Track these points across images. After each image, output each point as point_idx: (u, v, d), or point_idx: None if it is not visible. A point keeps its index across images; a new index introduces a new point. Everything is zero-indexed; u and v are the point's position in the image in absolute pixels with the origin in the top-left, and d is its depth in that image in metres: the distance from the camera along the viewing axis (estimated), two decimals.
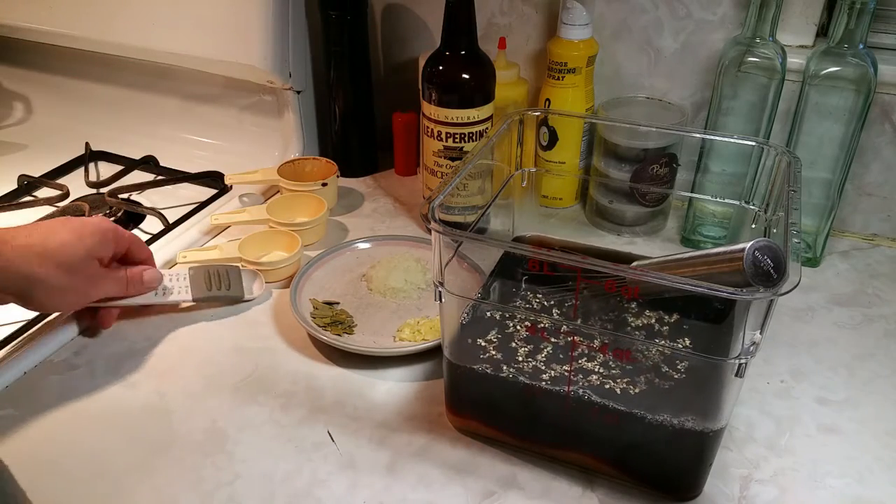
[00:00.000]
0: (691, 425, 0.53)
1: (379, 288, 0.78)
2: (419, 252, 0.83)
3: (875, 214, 0.90)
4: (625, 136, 0.84)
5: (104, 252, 0.67)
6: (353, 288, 0.79)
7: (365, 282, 0.80)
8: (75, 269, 0.64)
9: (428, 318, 0.74)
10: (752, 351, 0.48)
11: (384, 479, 0.59)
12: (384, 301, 0.77)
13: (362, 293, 0.79)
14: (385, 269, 0.79)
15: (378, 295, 0.78)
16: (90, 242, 0.65)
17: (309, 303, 0.76)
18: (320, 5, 0.96)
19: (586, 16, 0.86)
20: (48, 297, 0.64)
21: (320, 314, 0.74)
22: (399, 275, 0.79)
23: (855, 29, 0.73)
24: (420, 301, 0.77)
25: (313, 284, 0.79)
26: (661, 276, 0.49)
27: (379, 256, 0.83)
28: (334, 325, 0.73)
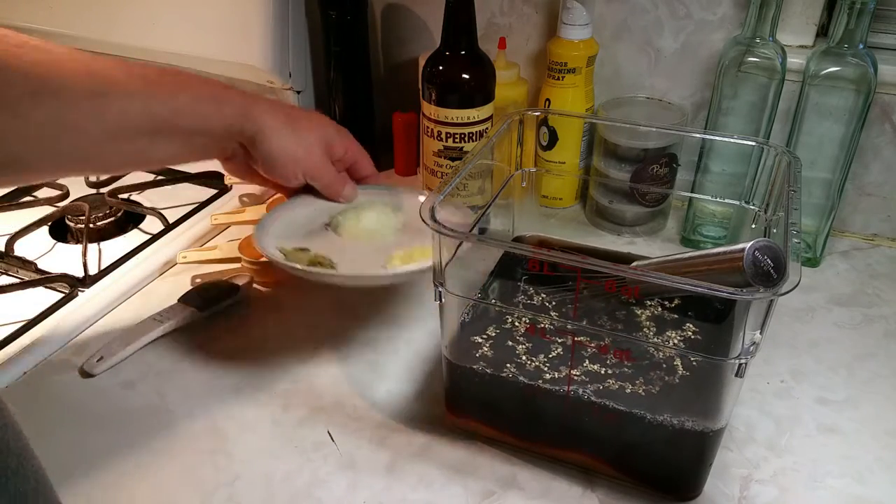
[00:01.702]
0: (691, 425, 0.53)
1: (351, 231, 0.73)
2: (384, 199, 0.77)
3: (875, 214, 0.90)
4: (625, 136, 0.84)
5: (335, 142, 0.71)
6: (320, 236, 0.73)
7: (331, 229, 0.74)
8: (306, 139, 0.68)
9: (412, 247, 0.69)
10: (753, 351, 0.48)
11: (384, 479, 0.59)
12: (358, 244, 0.72)
13: (331, 239, 0.72)
14: (354, 213, 0.74)
15: (350, 238, 0.72)
16: (328, 127, 0.71)
17: (278, 253, 0.69)
18: (320, 5, 0.96)
19: (586, 16, 0.86)
20: (272, 147, 0.66)
21: (294, 258, 0.68)
22: (371, 216, 0.74)
23: (855, 29, 0.73)
24: (398, 240, 0.72)
25: (274, 237, 0.71)
26: (661, 276, 0.49)
27: (340, 206, 0.76)
28: (316, 265, 0.67)
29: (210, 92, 0.63)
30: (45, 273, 0.80)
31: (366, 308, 0.78)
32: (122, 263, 0.82)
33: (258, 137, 0.65)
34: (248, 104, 0.65)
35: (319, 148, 0.70)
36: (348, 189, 0.75)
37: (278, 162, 0.68)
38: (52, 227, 0.91)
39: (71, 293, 0.77)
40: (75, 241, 0.89)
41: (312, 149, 0.69)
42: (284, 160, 0.68)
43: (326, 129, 0.71)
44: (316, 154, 0.70)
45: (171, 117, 0.60)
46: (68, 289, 0.77)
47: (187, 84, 0.62)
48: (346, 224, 0.73)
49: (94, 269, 0.81)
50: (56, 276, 0.78)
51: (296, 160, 0.68)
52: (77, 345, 0.72)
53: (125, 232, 0.91)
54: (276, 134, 0.66)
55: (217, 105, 0.63)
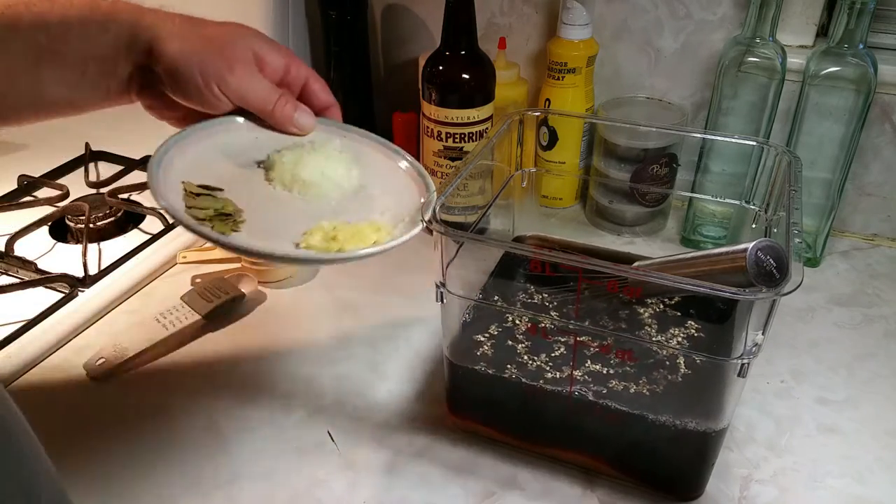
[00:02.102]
0: (693, 426, 0.53)
1: (282, 178, 0.55)
2: (345, 142, 0.60)
3: (875, 214, 0.90)
4: (625, 136, 0.84)
5: (267, 53, 0.56)
6: (246, 175, 0.56)
7: (263, 169, 0.57)
8: (217, 40, 0.54)
9: (349, 223, 0.52)
10: (755, 351, 0.48)
11: (384, 479, 0.58)
12: (288, 197, 0.55)
13: (257, 183, 0.56)
14: (293, 155, 0.57)
15: (280, 187, 0.55)
16: (254, 35, 0.56)
17: (180, 187, 0.52)
18: (320, 5, 0.96)
19: (586, 16, 0.86)
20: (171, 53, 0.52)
21: (197, 204, 0.51)
22: (314, 163, 0.56)
23: (855, 29, 0.73)
24: (339, 205, 0.55)
25: (187, 162, 0.55)
26: (663, 276, 0.49)
27: (288, 141, 0.59)
28: (219, 220, 0.51)
29: (98, 9, 0.53)
30: (45, 273, 0.80)
31: (366, 308, 0.78)
32: (122, 263, 0.82)
33: (154, 47, 0.52)
34: (139, 14, 0.53)
35: (243, 55, 0.54)
36: (302, 115, 0.58)
37: (184, 73, 0.53)
38: (52, 227, 0.91)
39: (71, 293, 0.77)
40: (75, 241, 0.89)
41: (230, 53, 0.54)
42: (191, 68, 0.53)
43: (250, 34, 0.56)
44: (239, 61, 0.54)
45: (52, 43, 0.51)
46: (68, 289, 0.77)
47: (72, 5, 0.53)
48: (279, 167, 0.56)
49: (94, 269, 0.80)
50: (56, 276, 0.78)
51: (206, 67, 0.53)
52: (77, 345, 0.72)
53: (125, 232, 0.91)
54: (175, 38, 0.52)
55: (103, 22, 0.53)
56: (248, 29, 0.56)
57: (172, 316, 0.73)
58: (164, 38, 0.52)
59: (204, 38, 0.53)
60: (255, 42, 0.55)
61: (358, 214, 0.53)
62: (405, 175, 0.59)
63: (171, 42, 0.52)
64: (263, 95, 0.56)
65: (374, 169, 0.59)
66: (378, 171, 0.59)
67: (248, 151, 0.57)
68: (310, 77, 0.59)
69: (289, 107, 0.57)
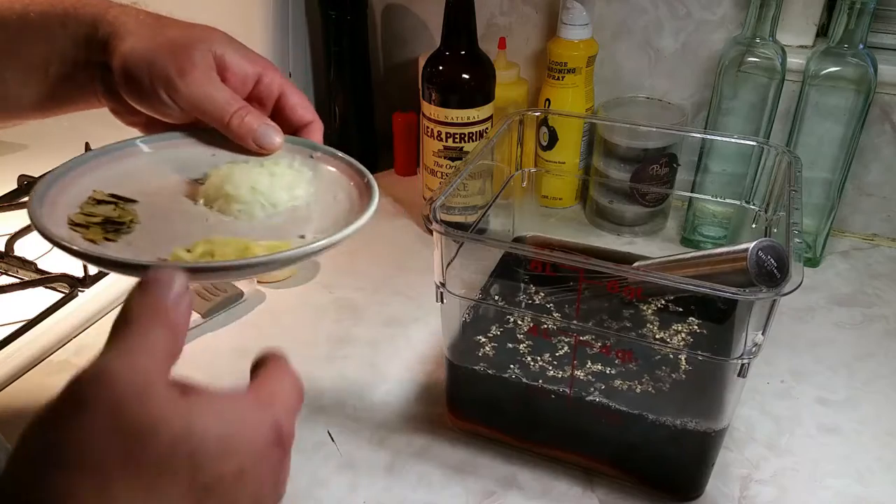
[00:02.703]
0: (693, 426, 0.53)
1: (207, 192, 0.48)
2: (308, 160, 0.52)
3: (875, 214, 0.90)
4: (625, 136, 0.84)
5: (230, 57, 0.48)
6: (175, 190, 0.48)
7: (199, 185, 0.49)
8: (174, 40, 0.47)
9: (255, 242, 0.43)
10: (755, 351, 0.48)
11: (384, 480, 0.58)
12: (204, 213, 0.47)
13: (179, 198, 0.48)
14: (230, 169, 0.49)
15: (202, 202, 0.47)
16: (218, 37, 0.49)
17: (87, 194, 0.46)
18: (320, 5, 0.96)
19: (586, 16, 0.86)
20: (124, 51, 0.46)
21: (91, 210, 0.45)
22: (247, 178, 0.48)
23: (855, 29, 0.73)
24: (258, 223, 0.46)
25: (113, 174, 0.48)
26: (663, 276, 0.49)
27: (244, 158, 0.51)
28: (102, 226, 0.44)
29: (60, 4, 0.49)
30: (45, 273, 0.80)
31: (366, 308, 0.78)
32: None
33: (109, 43, 0.47)
34: (104, 8, 0.49)
35: (202, 59, 0.47)
36: (266, 129, 0.49)
37: (133, 73, 0.46)
38: None
39: (71, 293, 0.77)
40: None
41: (185, 55, 0.46)
42: (139, 69, 0.46)
43: (216, 37, 0.48)
44: (194, 65, 0.46)
45: (11, 43, 0.48)
46: (68, 289, 0.77)
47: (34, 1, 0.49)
48: (209, 181, 0.48)
49: (94, 269, 0.80)
50: (56, 276, 0.78)
51: (155, 69, 0.46)
52: (77, 345, 0.72)
53: None
54: (132, 35, 0.47)
55: (62, 18, 0.48)
56: (215, 32, 0.49)
57: None
58: (121, 34, 0.47)
59: (161, 37, 0.47)
60: (218, 46, 0.48)
61: (274, 235, 0.45)
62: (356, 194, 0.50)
63: (125, 39, 0.47)
64: (220, 105, 0.47)
65: (326, 188, 0.50)
66: (329, 190, 0.50)
67: (197, 167, 0.50)
68: (286, 89, 0.51)
69: (250, 118, 0.48)
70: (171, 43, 0.47)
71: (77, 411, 0.29)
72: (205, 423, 0.30)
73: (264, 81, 0.50)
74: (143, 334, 0.32)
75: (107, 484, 0.28)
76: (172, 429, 0.29)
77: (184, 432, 0.29)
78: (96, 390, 0.29)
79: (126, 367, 0.30)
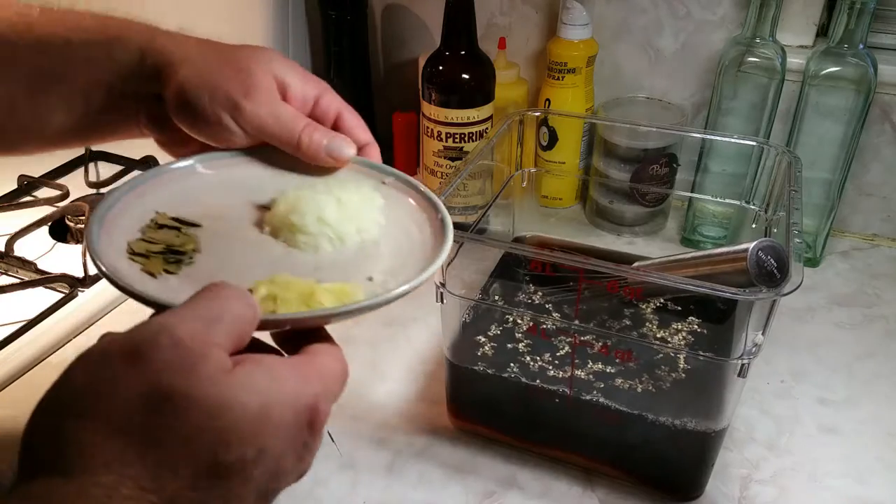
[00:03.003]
0: (693, 426, 0.54)
1: (272, 220, 0.45)
2: (381, 187, 0.49)
3: (875, 214, 0.90)
4: (625, 136, 0.84)
5: (292, 80, 0.47)
6: (240, 215, 0.47)
7: (265, 209, 0.47)
8: (236, 63, 0.45)
9: (319, 282, 0.41)
10: (755, 351, 0.48)
11: (384, 479, 0.58)
12: (268, 242, 0.45)
13: (244, 225, 0.46)
14: (297, 196, 0.46)
15: (268, 231, 0.45)
16: (279, 59, 0.47)
17: (149, 215, 0.45)
18: (320, 5, 0.96)
19: (586, 16, 0.86)
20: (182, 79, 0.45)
21: (153, 237, 0.43)
22: (314, 206, 0.45)
23: (855, 29, 0.73)
24: (326, 259, 0.44)
25: (175, 194, 0.46)
26: (663, 276, 0.49)
27: (309, 180, 0.49)
28: (162, 256, 0.42)
29: (106, 31, 0.47)
30: (45, 273, 0.80)
31: None
32: None
33: (163, 72, 0.46)
34: (151, 36, 0.47)
35: (263, 80, 0.46)
36: (336, 141, 0.47)
37: (192, 99, 0.44)
38: (52, 227, 0.91)
39: (71, 293, 0.77)
40: (75, 241, 0.89)
41: (247, 77, 0.45)
42: (200, 94, 0.44)
43: (274, 58, 0.47)
44: (257, 87, 0.45)
45: (54, 67, 0.47)
46: (68, 289, 0.77)
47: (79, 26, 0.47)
48: (275, 207, 0.46)
49: (94, 270, 0.80)
50: (56, 276, 0.78)
51: (218, 92, 0.44)
52: (77, 345, 0.72)
53: None
54: (186, 61, 0.45)
55: (108, 45, 0.47)
56: (273, 52, 0.48)
57: None
58: (173, 63, 0.45)
59: (219, 61, 0.46)
60: (278, 67, 0.47)
61: (341, 273, 0.43)
62: (428, 230, 0.46)
63: (179, 67, 0.45)
64: (288, 124, 0.46)
65: (396, 220, 0.47)
66: (400, 222, 0.47)
67: (262, 189, 0.48)
68: (343, 111, 0.49)
69: (318, 134, 0.46)
70: (231, 66, 0.45)
71: (121, 364, 0.29)
72: (243, 401, 0.30)
73: (322, 103, 0.48)
74: (214, 299, 0.32)
75: (125, 447, 0.28)
76: (208, 405, 0.29)
77: (218, 411, 0.29)
78: (147, 349, 0.29)
79: (187, 332, 0.30)
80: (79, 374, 0.30)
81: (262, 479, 0.31)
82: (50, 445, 0.28)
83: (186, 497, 0.29)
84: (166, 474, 0.28)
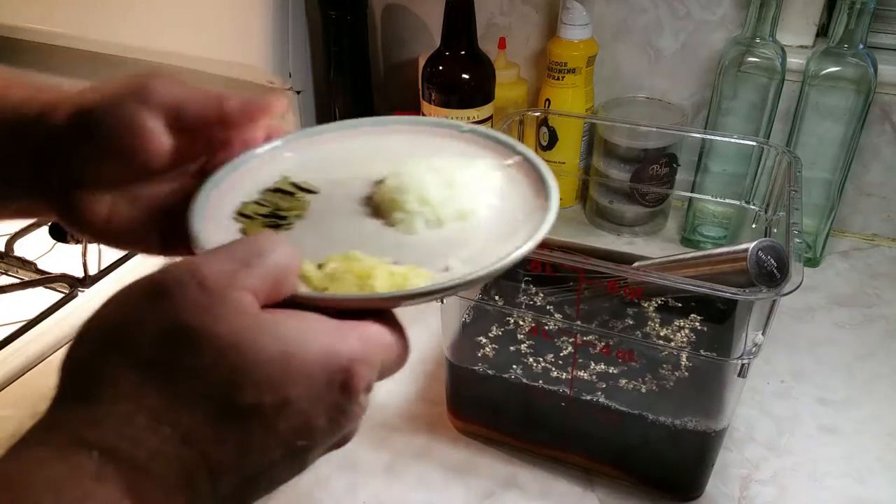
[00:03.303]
0: (693, 426, 0.53)
1: (379, 196, 0.43)
2: (486, 162, 0.45)
3: (875, 214, 0.90)
4: (625, 136, 0.84)
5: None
6: (358, 185, 0.45)
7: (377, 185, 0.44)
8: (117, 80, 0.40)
9: (388, 266, 0.38)
10: (755, 351, 0.48)
11: (384, 479, 0.58)
12: (368, 217, 0.43)
13: (356, 197, 0.44)
14: (410, 172, 0.44)
15: (370, 209, 0.43)
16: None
17: (272, 178, 0.44)
18: (320, 5, 0.96)
19: (586, 16, 0.86)
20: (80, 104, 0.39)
21: (266, 199, 0.43)
22: (420, 185, 0.42)
23: (855, 29, 0.73)
24: (417, 241, 0.41)
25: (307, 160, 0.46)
26: (663, 276, 0.49)
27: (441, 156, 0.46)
28: (263, 218, 0.42)
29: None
30: (45, 273, 0.80)
31: None
32: (122, 263, 0.82)
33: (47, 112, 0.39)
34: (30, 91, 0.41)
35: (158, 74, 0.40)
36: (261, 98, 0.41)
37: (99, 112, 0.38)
38: (52, 227, 0.91)
39: (71, 293, 0.77)
40: (75, 241, 0.89)
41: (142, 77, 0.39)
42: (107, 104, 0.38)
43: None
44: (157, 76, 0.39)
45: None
46: (68, 289, 0.77)
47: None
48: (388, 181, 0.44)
49: (94, 269, 0.80)
50: (56, 276, 0.78)
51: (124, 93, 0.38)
52: None
53: None
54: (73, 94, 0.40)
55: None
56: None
57: None
58: (59, 101, 0.40)
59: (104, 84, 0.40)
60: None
61: (422, 257, 0.40)
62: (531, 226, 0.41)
63: (69, 99, 0.40)
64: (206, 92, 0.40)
65: (511, 207, 0.43)
66: (512, 210, 0.43)
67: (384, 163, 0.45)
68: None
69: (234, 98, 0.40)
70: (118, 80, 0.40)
71: (146, 301, 0.30)
72: (261, 344, 0.29)
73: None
74: (252, 244, 0.32)
75: (144, 380, 0.28)
76: (221, 343, 0.29)
77: (231, 350, 0.29)
78: (171, 287, 0.30)
79: (213, 272, 0.30)
80: (108, 310, 0.30)
81: (288, 434, 0.31)
82: (76, 376, 0.29)
83: (201, 433, 0.29)
84: (181, 408, 0.28)
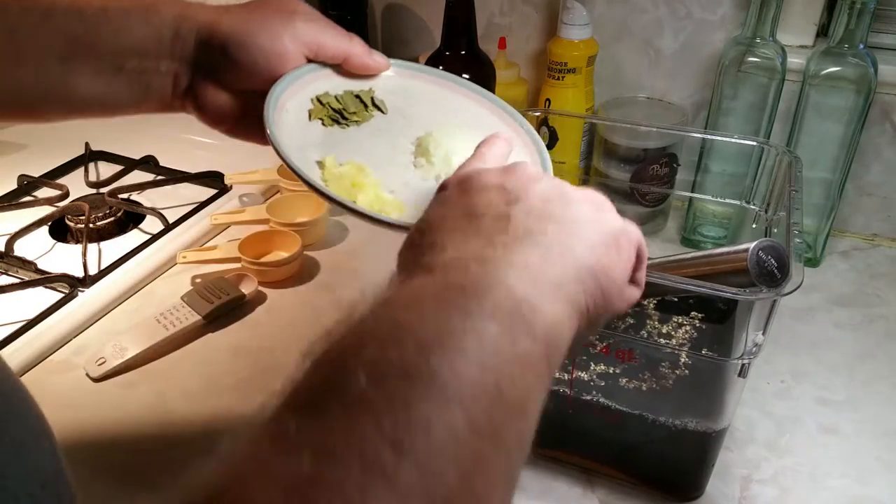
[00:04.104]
0: (694, 426, 0.53)
1: (421, 139, 0.51)
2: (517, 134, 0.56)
3: (875, 214, 0.90)
4: (625, 136, 0.84)
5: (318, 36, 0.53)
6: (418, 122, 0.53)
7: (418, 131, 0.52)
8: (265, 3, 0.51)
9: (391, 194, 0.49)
10: (755, 351, 0.48)
11: None
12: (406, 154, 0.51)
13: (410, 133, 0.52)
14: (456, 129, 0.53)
15: (411, 145, 0.51)
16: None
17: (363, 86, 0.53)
18: (320, 5, 0.96)
19: (586, 16, 0.86)
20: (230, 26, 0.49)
21: (344, 98, 0.53)
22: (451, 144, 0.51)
23: (855, 29, 0.73)
24: (422, 184, 0.50)
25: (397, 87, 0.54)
26: (663, 276, 0.49)
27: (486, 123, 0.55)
28: (331, 110, 0.52)
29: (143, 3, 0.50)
30: (45, 273, 0.80)
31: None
32: (122, 263, 0.82)
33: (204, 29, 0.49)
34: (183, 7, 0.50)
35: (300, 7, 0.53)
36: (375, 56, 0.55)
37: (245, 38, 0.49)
38: (52, 227, 0.91)
39: (71, 293, 0.77)
40: (75, 241, 0.89)
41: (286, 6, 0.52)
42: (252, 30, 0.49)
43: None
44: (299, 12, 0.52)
45: (88, 34, 0.48)
46: (68, 289, 0.77)
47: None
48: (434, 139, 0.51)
49: (94, 269, 0.80)
50: (56, 276, 0.78)
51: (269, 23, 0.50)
52: (77, 345, 0.72)
53: (125, 232, 0.91)
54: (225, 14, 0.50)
55: (145, 13, 0.49)
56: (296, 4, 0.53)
57: (172, 316, 0.73)
58: (214, 20, 0.49)
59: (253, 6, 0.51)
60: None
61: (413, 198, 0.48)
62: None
63: (223, 19, 0.49)
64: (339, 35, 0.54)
65: None
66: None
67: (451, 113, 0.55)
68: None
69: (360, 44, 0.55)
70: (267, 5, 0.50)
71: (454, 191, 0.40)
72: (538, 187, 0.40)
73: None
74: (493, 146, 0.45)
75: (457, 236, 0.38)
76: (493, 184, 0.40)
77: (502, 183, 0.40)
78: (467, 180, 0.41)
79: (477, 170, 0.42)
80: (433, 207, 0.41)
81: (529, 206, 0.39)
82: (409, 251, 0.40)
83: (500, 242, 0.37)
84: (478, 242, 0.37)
